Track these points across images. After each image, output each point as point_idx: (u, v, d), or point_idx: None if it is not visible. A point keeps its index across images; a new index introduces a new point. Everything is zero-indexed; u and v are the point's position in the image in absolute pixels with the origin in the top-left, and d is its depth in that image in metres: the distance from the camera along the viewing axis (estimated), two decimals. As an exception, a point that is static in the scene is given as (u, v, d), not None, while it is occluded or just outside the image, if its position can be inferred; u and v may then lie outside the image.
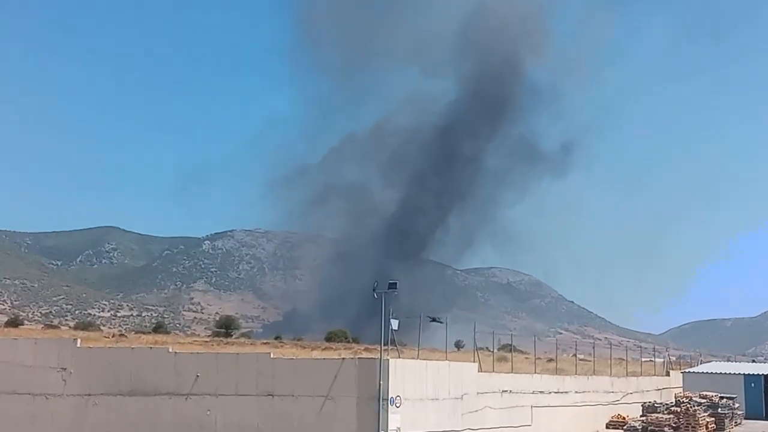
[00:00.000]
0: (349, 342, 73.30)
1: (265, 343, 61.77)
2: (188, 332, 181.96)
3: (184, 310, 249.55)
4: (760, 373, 61.97)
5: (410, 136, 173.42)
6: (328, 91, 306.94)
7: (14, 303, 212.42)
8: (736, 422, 54.74)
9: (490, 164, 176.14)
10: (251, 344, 59.10)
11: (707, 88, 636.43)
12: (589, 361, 63.93)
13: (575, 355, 68.47)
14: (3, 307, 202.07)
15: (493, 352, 49.16)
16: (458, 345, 79.18)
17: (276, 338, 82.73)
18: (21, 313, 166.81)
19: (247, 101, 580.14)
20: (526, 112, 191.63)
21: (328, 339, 75.71)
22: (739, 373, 62.22)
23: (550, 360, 59.59)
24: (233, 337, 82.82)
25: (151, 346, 39.08)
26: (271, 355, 33.27)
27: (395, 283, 32.34)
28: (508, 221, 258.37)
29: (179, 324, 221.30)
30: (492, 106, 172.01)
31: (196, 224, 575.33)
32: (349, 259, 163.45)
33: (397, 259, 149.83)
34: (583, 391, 51.69)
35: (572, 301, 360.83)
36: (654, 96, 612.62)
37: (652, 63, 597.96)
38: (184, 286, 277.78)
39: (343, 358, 33.32)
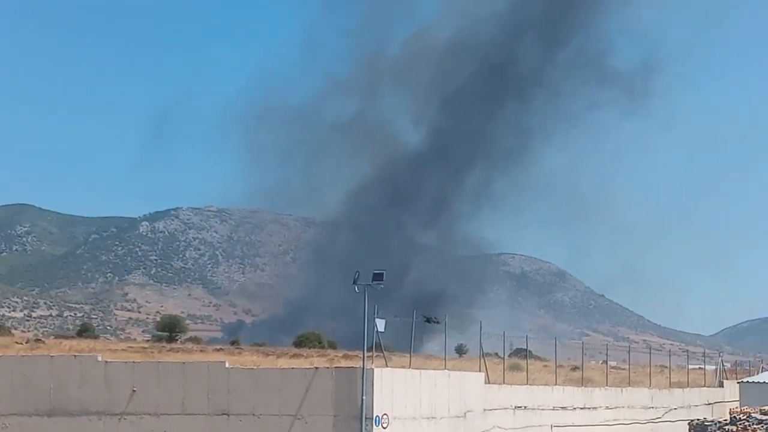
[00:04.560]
0: (323, 347, 73.39)
1: (218, 350, 61.79)
2: (122, 336, 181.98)
3: (117, 309, 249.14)
4: (837, 384, 62.57)
5: (453, 52, 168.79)
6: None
7: None
8: (805, 444, 55.23)
9: (547, 87, 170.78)
10: (201, 351, 59.13)
11: None
12: (624, 369, 64.35)
13: (606, 362, 68.88)
14: None
15: (503, 358, 49.45)
16: (460, 350, 79.61)
17: (232, 343, 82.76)
18: None
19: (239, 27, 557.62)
20: (601, 16, 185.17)
21: (298, 344, 75.71)
22: (811, 384, 62.80)
23: (575, 368, 59.99)
24: (179, 342, 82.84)
25: (76, 354, 39.09)
26: (227, 365, 33.35)
27: (381, 274, 32.44)
28: (547, 170, 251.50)
29: (110, 326, 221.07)
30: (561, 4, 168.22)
31: (130, 201, 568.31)
32: (340, 233, 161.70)
33: (401, 235, 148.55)
34: (616, 407, 52.09)
35: (602, 295, 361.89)
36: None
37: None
38: (117, 278, 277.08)
39: (317, 368, 33.46)
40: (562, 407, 46.90)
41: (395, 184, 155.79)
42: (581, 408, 48.67)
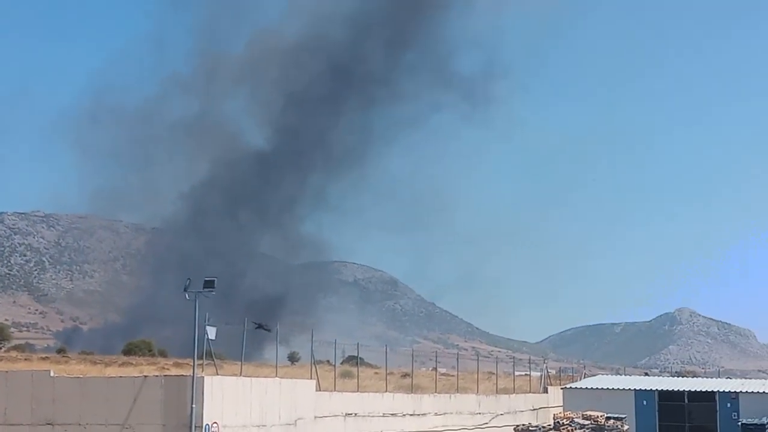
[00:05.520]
0: (153, 355, 72.42)
1: (44, 358, 60.34)
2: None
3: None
4: (654, 389, 64.84)
5: (298, 52, 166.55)
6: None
7: None
8: (624, 447, 57.20)
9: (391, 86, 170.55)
10: (26, 360, 57.61)
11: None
12: (452, 376, 65.43)
13: (435, 368, 69.89)
14: None
15: (335, 366, 49.63)
16: (292, 358, 79.54)
17: (59, 352, 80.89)
18: None
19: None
20: (445, 20, 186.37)
21: (128, 352, 74.56)
22: (630, 389, 64.93)
23: (405, 375, 60.61)
24: (2, 350, 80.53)
25: None
26: (52, 374, 32.62)
27: (213, 281, 32.23)
28: (389, 175, 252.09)
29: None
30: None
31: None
32: (177, 237, 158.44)
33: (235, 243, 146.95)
34: (444, 413, 52.91)
35: (433, 303, 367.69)
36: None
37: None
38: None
39: (146, 376, 33.03)
40: (392, 414, 47.37)
41: (236, 186, 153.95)
42: (411, 414, 49.26)
